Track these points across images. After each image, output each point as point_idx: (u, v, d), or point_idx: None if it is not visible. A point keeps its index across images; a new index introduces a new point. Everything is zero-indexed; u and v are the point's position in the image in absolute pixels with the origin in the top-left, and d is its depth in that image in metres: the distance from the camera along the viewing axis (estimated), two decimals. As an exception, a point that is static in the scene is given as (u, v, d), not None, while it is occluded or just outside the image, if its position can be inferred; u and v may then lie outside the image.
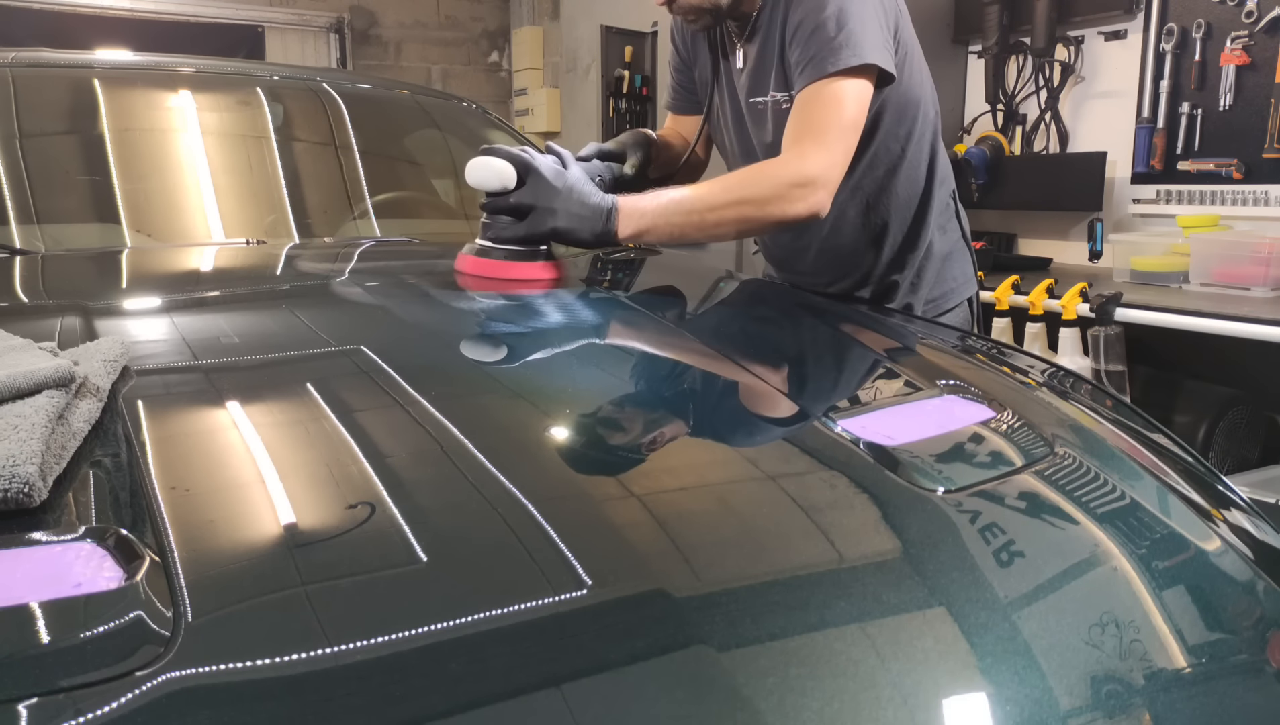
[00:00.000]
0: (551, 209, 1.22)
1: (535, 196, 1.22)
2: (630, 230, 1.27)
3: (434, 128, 2.12)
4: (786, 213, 1.28)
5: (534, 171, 1.23)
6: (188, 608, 0.50)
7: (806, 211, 1.28)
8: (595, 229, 1.25)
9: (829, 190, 1.29)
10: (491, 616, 0.52)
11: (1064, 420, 0.95)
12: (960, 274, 1.59)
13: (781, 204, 1.27)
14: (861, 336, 1.26)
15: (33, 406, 0.63)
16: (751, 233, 1.39)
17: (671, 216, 1.27)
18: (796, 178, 1.27)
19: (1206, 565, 0.74)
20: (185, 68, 1.86)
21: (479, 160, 1.24)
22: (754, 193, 1.28)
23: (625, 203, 1.27)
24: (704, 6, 1.40)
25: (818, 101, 1.30)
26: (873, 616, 0.58)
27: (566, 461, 0.74)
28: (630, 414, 0.86)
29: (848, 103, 1.29)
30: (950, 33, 3.34)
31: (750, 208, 1.28)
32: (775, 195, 1.27)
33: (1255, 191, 2.67)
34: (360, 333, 1.05)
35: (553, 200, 1.22)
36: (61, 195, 1.55)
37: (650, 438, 0.79)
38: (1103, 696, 0.57)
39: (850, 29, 1.28)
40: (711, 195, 1.29)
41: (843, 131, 1.30)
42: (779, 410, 0.89)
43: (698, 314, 1.32)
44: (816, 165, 1.27)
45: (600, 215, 1.25)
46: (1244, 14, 2.61)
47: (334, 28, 5.52)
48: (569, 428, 0.80)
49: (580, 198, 1.24)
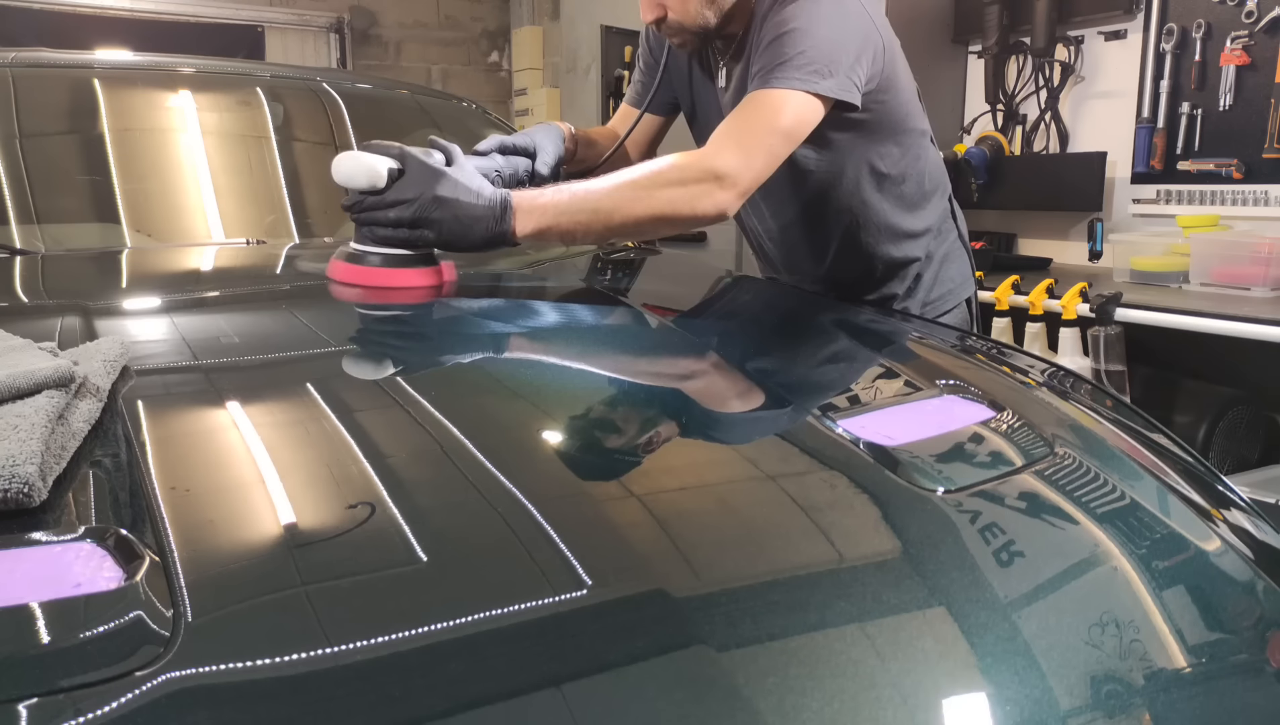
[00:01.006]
0: (432, 211, 1.09)
1: (412, 194, 1.09)
2: (529, 228, 1.15)
3: (434, 128, 2.11)
4: (695, 210, 1.20)
5: (411, 166, 1.11)
6: (188, 608, 0.50)
7: (713, 210, 1.20)
8: (487, 230, 1.12)
9: (738, 192, 1.21)
10: (491, 616, 0.52)
11: (1064, 420, 0.95)
12: (958, 275, 1.59)
13: (689, 201, 1.19)
14: (861, 336, 1.26)
15: (33, 406, 0.63)
16: (658, 233, 1.28)
17: (575, 214, 1.17)
18: (704, 174, 1.19)
19: (1206, 565, 0.74)
20: (185, 68, 1.86)
21: (347, 154, 1.12)
22: (661, 187, 1.19)
23: (521, 198, 1.15)
24: (692, 29, 1.35)
25: (753, 105, 1.24)
26: (873, 616, 0.58)
27: (566, 461, 0.74)
28: (630, 414, 0.86)
29: (784, 113, 1.22)
30: (950, 33, 3.34)
31: (660, 204, 1.18)
32: (683, 191, 1.19)
33: (1255, 191, 2.67)
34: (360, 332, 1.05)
35: (432, 200, 1.09)
36: (61, 195, 1.55)
37: (650, 437, 0.79)
38: (1103, 696, 0.57)
39: (809, 52, 1.23)
40: (618, 191, 1.18)
41: (769, 138, 1.22)
42: (779, 410, 0.89)
43: (697, 314, 1.32)
44: (728, 164, 1.19)
45: (492, 213, 1.12)
46: (1244, 14, 2.61)
47: (334, 28, 5.51)
48: (569, 428, 0.80)
49: (467, 195, 1.11)
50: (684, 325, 1.21)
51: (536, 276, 1.53)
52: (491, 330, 1.11)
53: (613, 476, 0.72)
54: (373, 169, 1.10)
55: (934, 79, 3.33)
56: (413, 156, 1.11)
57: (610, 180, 1.20)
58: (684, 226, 1.26)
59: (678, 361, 1.05)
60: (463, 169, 1.15)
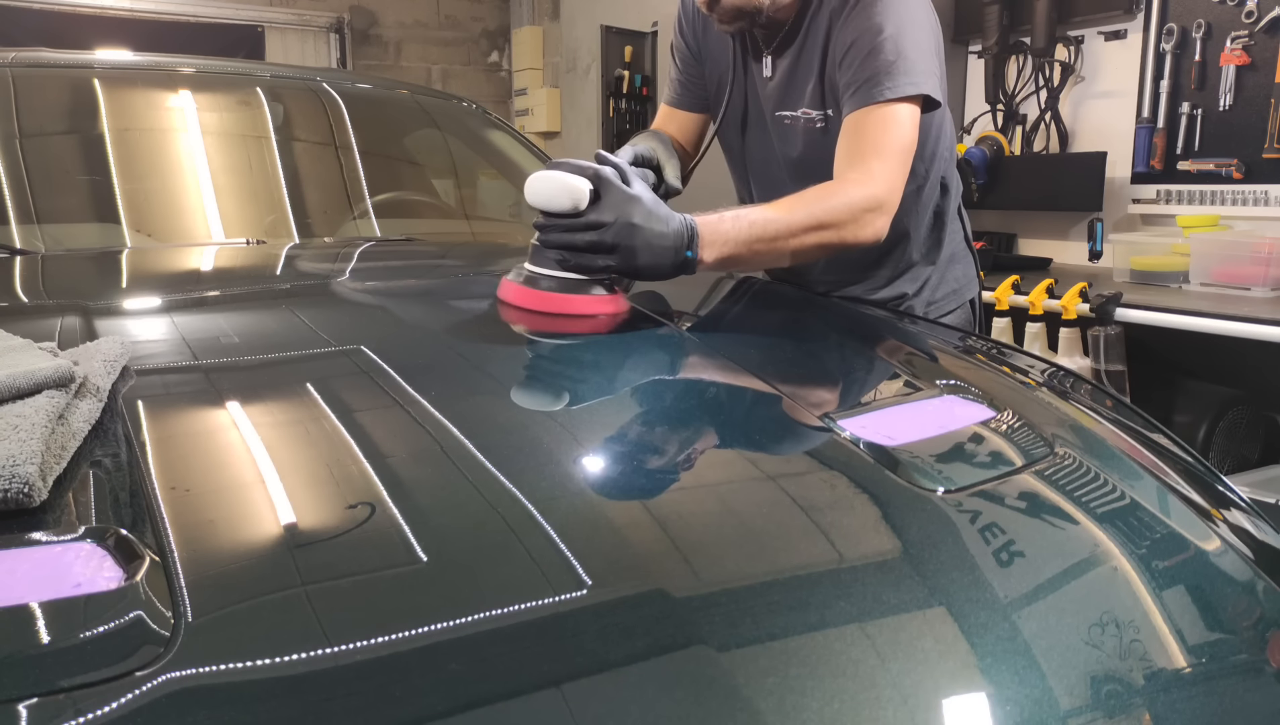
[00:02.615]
0: (627, 237, 1.04)
1: (610, 218, 1.04)
2: (713, 257, 1.12)
3: (434, 128, 2.12)
4: (858, 237, 1.23)
5: (607, 189, 1.05)
6: (188, 608, 0.50)
7: (872, 236, 1.24)
8: (675, 258, 1.08)
9: (890, 214, 1.26)
10: (491, 616, 0.52)
11: (1064, 420, 0.95)
12: (962, 276, 1.59)
13: (854, 228, 1.22)
14: (861, 336, 1.27)
15: (33, 406, 0.63)
16: (819, 258, 1.32)
17: (754, 243, 1.16)
18: (867, 202, 1.22)
19: (1206, 565, 0.74)
20: (185, 68, 1.86)
21: (544, 173, 1.06)
22: (830, 217, 1.20)
23: (705, 226, 1.11)
24: (746, 9, 1.34)
25: (876, 124, 1.26)
26: (873, 616, 0.58)
27: (566, 462, 0.74)
28: (630, 414, 0.86)
29: (904, 127, 1.26)
30: (950, 33, 3.34)
31: (829, 233, 1.21)
32: (850, 219, 1.21)
33: (1255, 191, 2.67)
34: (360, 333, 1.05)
35: (628, 226, 1.04)
36: (61, 195, 1.55)
37: (650, 438, 0.79)
38: (1103, 696, 0.57)
39: (906, 54, 1.26)
40: (792, 219, 1.18)
41: (902, 155, 1.27)
42: (779, 410, 0.89)
43: (697, 314, 1.32)
44: (883, 188, 1.23)
45: (681, 241, 1.08)
46: (1244, 14, 2.61)
47: (334, 28, 5.52)
48: (569, 428, 0.80)
49: (658, 222, 1.06)
50: (684, 326, 1.21)
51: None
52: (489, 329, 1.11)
53: (613, 476, 0.72)
54: (577, 190, 1.03)
55: (934, 79, 3.33)
56: (607, 179, 1.05)
57: (783, 208, 1.19)
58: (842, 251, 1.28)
59: (678, 362, 1.05)
60: (646, 190, 1.09)
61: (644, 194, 1.07)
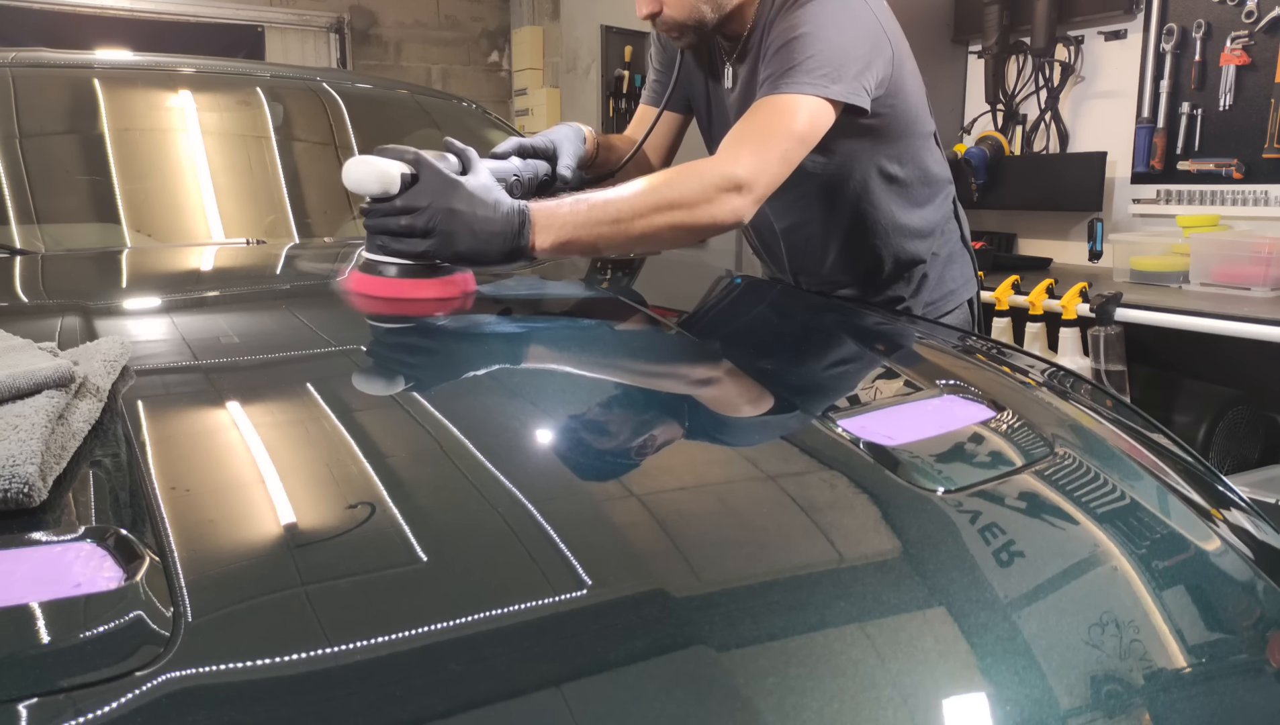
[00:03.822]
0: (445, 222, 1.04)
1: (424, 202, 1.04)
2: (549, 243, 1.09)
3: (434, 128, 2.11)
4: (714, 217, 1.17)
5: (425, 173, 1.05)
6: (188, 608, 0.50)
7: (730, 217, 1.18)
8: (505, 244, 1.06)
9: (755, 197, 1.20)
10: (491, 616, 0.52)
11: (1064, 420, 0.95)
12: (960, 275, 1.59)
13: (708, 208, 1.16)
14: (861, 336, 1.27)
15: (33, 406, 0.63)
16: (679, 243, 1.23)
17: (596, 226, 1.12)
18: (723, 181, 1.16)
19: (1206, 565, 0.74)
20: (185, 68, 1.86)
21: (358, 158, 1.06)
22: (680, 195, 1.15)
23: (539, 211, 1.09)
24: (687, 23, 1.33)
25: (766, 109, 1.23)
26: (873, 616, 0.58)
27: (566, 461, 0.74)
28: (630, 414, 0.86)
29: (798, 118, 1.21)
30: (950, 33, 3.34)
31: (680, 213, 1.15)
32: (702, 199, 1.16)
33: (1255, 191, 2.67)
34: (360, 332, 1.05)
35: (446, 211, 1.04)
36: (61, 195, 1.55)
37: (650, 438, 0.79)
38: (1103, 696, 0.57)
39: (816, 56, 1.22)
40: (638, 200, 1.13)
41: (785, 142, 1.21)
42: (779, 410, 0.89)
43: (697, 314, 1.32)
44: (745, 169, 1.17)
45: (510, 227, 1.06)
46: (1244, 14, 2.61)
47: (334, 28, 5.52)
48: (569, 428, 0.80)
49: (483, 207, 1.05)
50: (684, 326, 1.21)
51: (534, 276, 1.53)
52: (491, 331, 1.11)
53: (613, 477, 0.72)
54: (385, 174, 1.04)
55: (934, 79, 3.31)
56: (427, 162, 1.06)
57: (627, 190, 1.15)
58: (703, 234, 1.22)
59: (678, 362, 1.05)
60: (479, 176, 1.09)
61: (472, 180, 1.07)
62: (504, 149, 1.29)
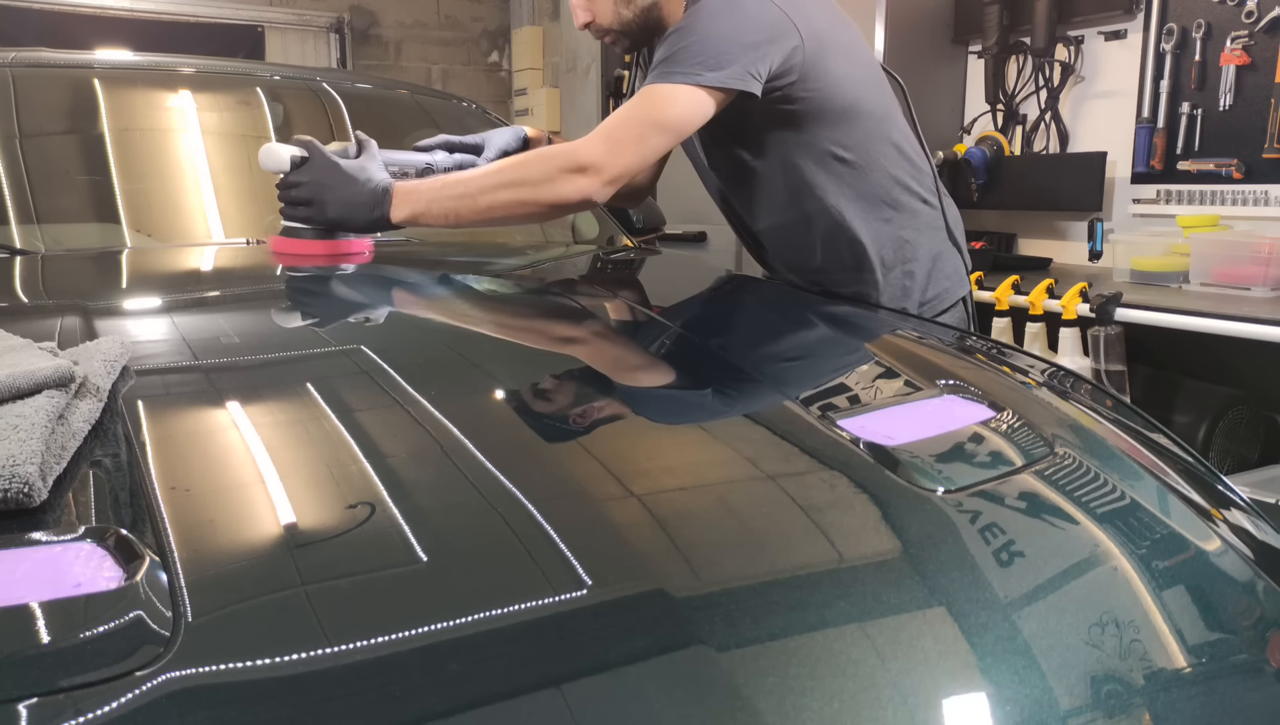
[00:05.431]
0: (322, 194, 1.27)
1: (306, 178, 1.28)
2: (404, 214, 1.28)
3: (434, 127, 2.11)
4: (558, 196, 1.29)
5: (313, 155, 1.29)
6: (188, 608, 0.50)
7: (575, 196, 1.29)
8: (369, 214, 1.28)
9: (603, 180, 1.28)
10: (491, 616, 0.52)
11: (1064, 420, 0.95)
12: (952, 272, 1.58)
13: (550, 187, 1.28)
14: (862, 336, 1.27)
15: (33, 406, 0.63)
16: (528, 217, 1.39)
17: (445, 200, 1.28)
18: (568, 162, 1.28)
19: (1206, 565, 0.74)
20: (185, 68, 1.86)
21: (266, 145, 1.31)
22: (525, 176, 1.29)
23: (401, 186, 1.29)
24: (615, 28, 1.42)
25: (636, 98, 1.31)
26: (873, 616, 0.58)
27: (566, 461, 0.74)
28: (630, 414, 0.86)
29: (662, 106, 1.28)
30: (950, 33, 3.34)
31: (523, 191, 1.28)
32: (544, 178, 1.28)
33: (1255, 191, 2.67)
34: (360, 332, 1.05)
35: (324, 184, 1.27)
36: (61, 195, 1.55)
37: (650, 438, 0.79)
38: (1103, 696, 0.57)
39: (693, 46, 1.28)
40: (485, 177, 1.30)
41: (640, 128, 1.29)
42: (778, 410, 0.89)
43: (697, 313, 1.32)
44: (592, 154, 1.28)
45: (373, 198, 1.28)
46: (1244, 14, 2.61)
47: (334, 28, 5.51)
48: (569, 428, 0.80)
49: (352, 183, 1.27)
50: (683, 326, 1.21)
51: (537, 277, 1.53)
52: (492, 331, 1.11)
53: (613, 477, 0.72)
54: (278, 155, 1.29)
55: (934, 79, 3.33)
56: (315, 147, 1.29)
57: (482, 170, 1.32)
58: (549, 213, 1.36)
59: (676, 361, 1.05)
60: (369, 158, 1.30)
61: (351, 162, 1.30)
62: (428, 143, 1.49)
